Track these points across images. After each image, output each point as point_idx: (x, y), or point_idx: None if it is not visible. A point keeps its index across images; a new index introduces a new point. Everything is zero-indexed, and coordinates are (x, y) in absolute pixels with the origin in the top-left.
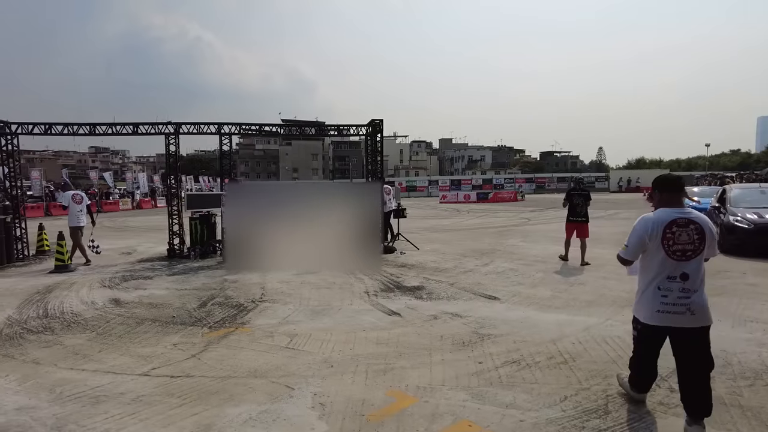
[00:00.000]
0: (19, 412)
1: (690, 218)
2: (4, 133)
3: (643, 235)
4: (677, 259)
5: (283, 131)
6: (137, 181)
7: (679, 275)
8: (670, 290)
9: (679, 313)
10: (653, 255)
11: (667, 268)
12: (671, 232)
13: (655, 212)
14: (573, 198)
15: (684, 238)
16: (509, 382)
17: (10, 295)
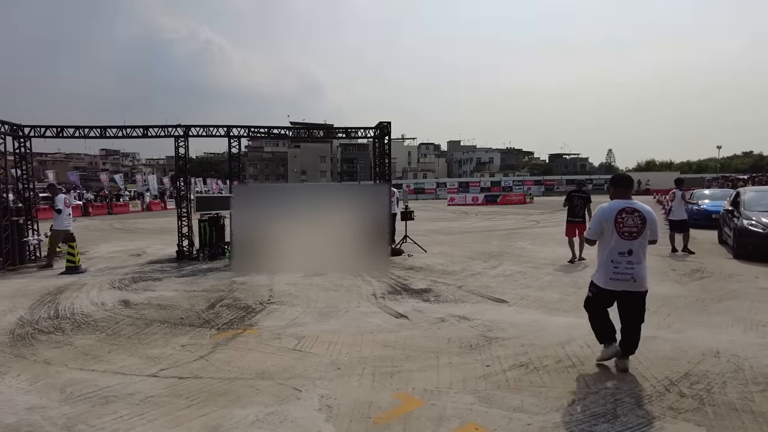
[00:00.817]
0: (30, 411)
1: (635, 207)
2: (17, 135)
3: (601, 219)
4: (625, 239)
5: (291, 134)
6: (147, 183)
7: (627, 251)
8: (620, 263)
9: (625, 280)
10: (609, 235)
11: (618, 245)
12: (621, 218)
13: (609, 203)
14: (573, 199)
15: (630, 222)
16: (517, 386)
17: (22, 295)
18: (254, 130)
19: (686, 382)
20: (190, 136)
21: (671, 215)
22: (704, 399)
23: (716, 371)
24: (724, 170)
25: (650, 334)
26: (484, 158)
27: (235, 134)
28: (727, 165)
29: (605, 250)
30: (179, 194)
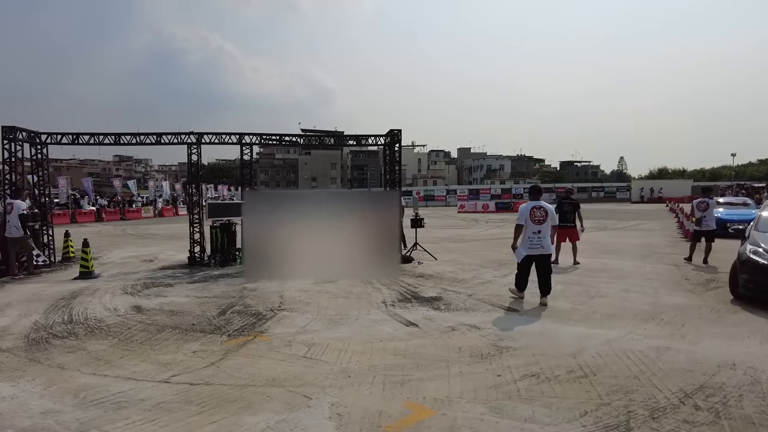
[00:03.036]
0: (44, 416)
1: (541, 205)
2: (34, 142)
3: (525, 211)
4: (536, 223)
5: (303, 141)
6: (159, 189)
7: (537, 231)
8: (533, 238)
9: (537, 248)
10: (527, 222)
11: (531, 228)
12: (533, 212)
13: (527, 203)
14: (563, 206)
15: (539, 214)
16: (528, 396)
17: (37, 300)
18: (266, 138)
19: (701, 395)
20: (202, 144)
21: (703, 225)
22: (720, 412)
23: (732, 384)
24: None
25: (663, 345)
26: (494, 165)
27: (247, 142)
28: (742, 173)
29: (526, 232)
30: (191, 201)
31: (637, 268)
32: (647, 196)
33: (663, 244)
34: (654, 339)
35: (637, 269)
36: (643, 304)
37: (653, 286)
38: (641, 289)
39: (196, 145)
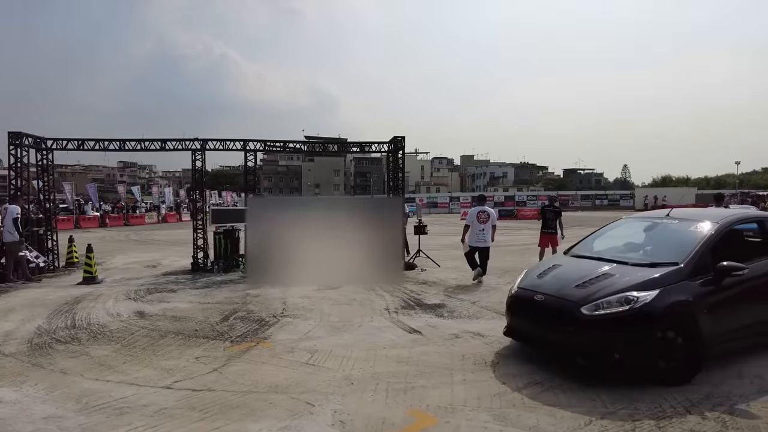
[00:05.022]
0: (46, 421)
1: (485, 209)
2: (40, 148)
3: (473, 214)
4: (481, 223)
5: (306, 148)
6: (163, 195)
7: (481, 229)
8: (477, 233)
9: (480, 242)
10: (474, 222)
11: (477, 226)
12: (479, 214)
13: (474, 207)
14: (546, 213)
15: (483, 216)
16: (532, 404)
17: (41, 305)
18: (270, 144)
19: (708, 404)
20: (207, 150)
21: None
22: (727, 422)
23: (739, 393)
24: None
25: None
26: (497, 173)
27: (251, 148)
28: (747, 181)
29: (473, 229)
30: (195, 206)
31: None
32: (651, 203)
33: None
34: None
35: None
36: None
37: None
38: None
39: (200, 151)
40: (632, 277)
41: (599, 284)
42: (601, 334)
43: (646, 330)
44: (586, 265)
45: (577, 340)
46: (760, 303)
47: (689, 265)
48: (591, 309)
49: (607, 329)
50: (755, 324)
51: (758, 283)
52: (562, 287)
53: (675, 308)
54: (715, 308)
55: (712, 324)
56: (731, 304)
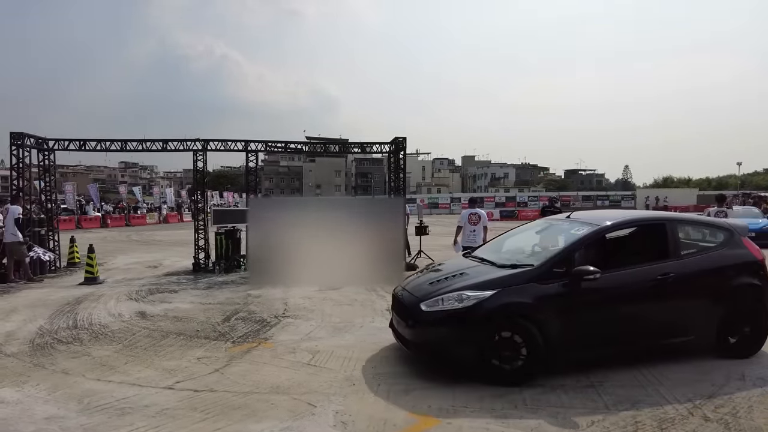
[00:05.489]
0: (48, 421)
1: (476, 212)
2: (42, 148)
3: (464, 216)
4: (472, 225)
5: (307, 148)
6: (164, 195)
7: (472, 230)
8: (469, 234)
9: (473, 242)
10: (465, 223)
11: (468, 227)
12: (470, 216)
13: (466, 209)
14: (546, 214)
15: (474, 218)
16: (534, 405)
17: (42, 305)
18: (271, 145)
19: (710, 406)
20: (208, 150)
21: None
22: (730, 424)
23: (742, 395)
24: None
25: (671, 355)
26: (498, 173)
27: (252, 149)
28: (748, 182)
29: (465, 231)
30: (196, 207)
31: None
32: (652, 204)
33: None
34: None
35: None
36: None
37: None
38: None
39: (201, 152)
40: (480, 277)
41: (447, 282)
42: (434, 330)
43: (475, 329)
44: (458, 263)
45: (415, 334)
46: (619, 311)
47: (542, 268)
48: (430, 305)
49: (440, 325)
50: (612, 333)
51: (618, 292)
52: (420, 284)
53: (510, 309)
54: (568, 313)
55: (562, 329)
56: (587, 309)
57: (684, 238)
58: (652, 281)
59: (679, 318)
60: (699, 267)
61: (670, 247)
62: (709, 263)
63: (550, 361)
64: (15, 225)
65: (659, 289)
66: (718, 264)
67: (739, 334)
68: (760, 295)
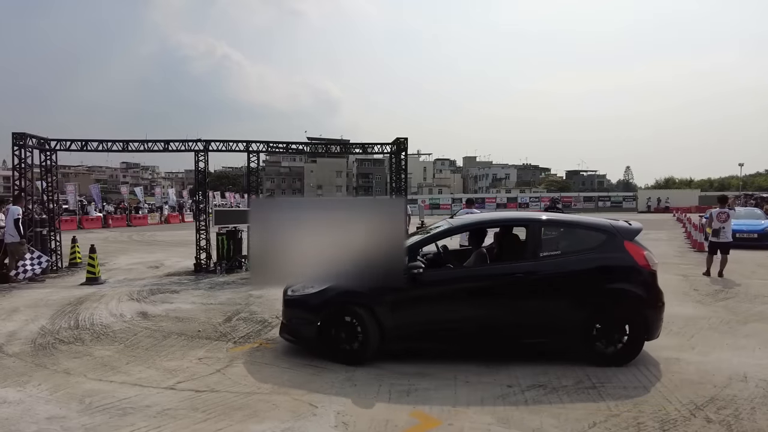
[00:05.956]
0: (50, 421)
1: (471, 212)
2: (43, 149)
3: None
4: None
5: (309, 149)
6: (166, 196)
7: None
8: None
9: None
10: None
11: None
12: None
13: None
14: None
15: None
16: (536, 406)
17: (44, 305)
18: (273, 146)
19: (713, 407)
20: (210, 151)
21: (721, 237)
22: (732, 425)
23: (744, 396)
24: (746, 188)
25: (673, 356)
26: (500, 174)
27: (254, 149)
28: (750, 183)
29: None
30: (198, 208)
31: None
32: (654, 206)
33: (670, 255)
34: (663, 350)
35: None
36: None
37: None
38: None
39: (203, 153)
40: None
41: None
42: (291, 311)
43: (315, 312)
44: None
45: (283, 315)
46: (457, 307)
47: None
48: (292, 291)
49: (294, 307)
50: (430, 324)
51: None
52: None
53: (346, 298)
54: (400, 304)
55: (393, 318)
56: (414, 302)
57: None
58: (499, 280)
59: (529, 319)
60: (558, 269)
61: (528, 248)
62: (572, 266)
63: (386, 346)
64: (15, 226)
65: (506, 288)
66: (585, 267)
67: (610, 341)
68: (637, 301)
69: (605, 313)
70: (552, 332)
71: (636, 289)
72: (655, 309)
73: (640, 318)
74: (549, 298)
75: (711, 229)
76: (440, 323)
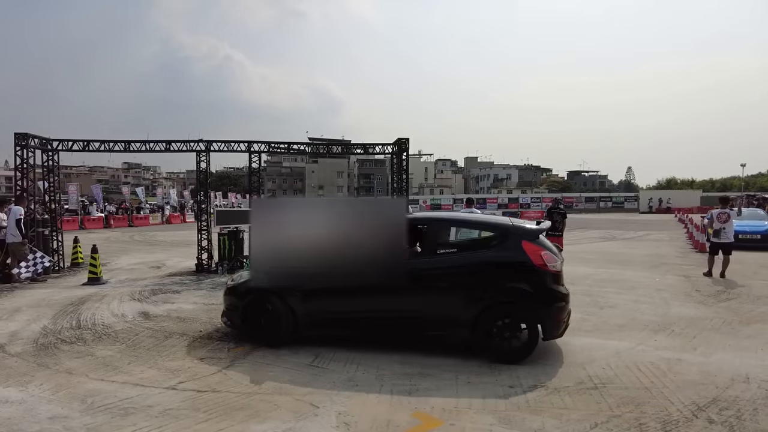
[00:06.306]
0: (52, 421)
1: (471, 211)
2: (45, 149)
3: None
4: None
5: (310, 149)
6: (167, 196)
7: None
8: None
9: None
10: None
11: None
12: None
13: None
14: (553, 215)
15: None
16: (538, 407)
17: (46, 305)
18: (274, 146)
19: (715, 408)
20: (211, 151)
21: (722, 237)
22: (734, 426)
23: (746, 397)
24: (749, 189)
25: (675, 357)
26: (501, 174)
27: (255, 150)
28: (752, 183)
29: None
30: (200, 208)
31: (647, 279)
32: (656, 206)
33: (672, 255)
34: (665, 350)
35: (647, 280)
36: (653, 315)
37: (663, 297)
38: (651, 299)
39: (205, 153)
40: None
41: None
42: (227, 299)
43: (240, 299)
44: None
45: (223, 301)
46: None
47: None
48: (231, 280)
49: (228, 295)
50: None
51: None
52: None
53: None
54: (309, 293)
55: (304, 306)
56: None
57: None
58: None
59: (428, 312)
60: (452, 266)
61: (428, 246)
62: (465, 263)
63: (300, 331)
64: (16, 226)
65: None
66: (478, 264)
67: (504, 337)
68: (530, 300)
69: (498, 310)
70: (449, 326)
71: (529, 288)
72: (551, 308)
73: (533, 316)
74: (444, 294)
75: (712, 230)
76: (347, 313)
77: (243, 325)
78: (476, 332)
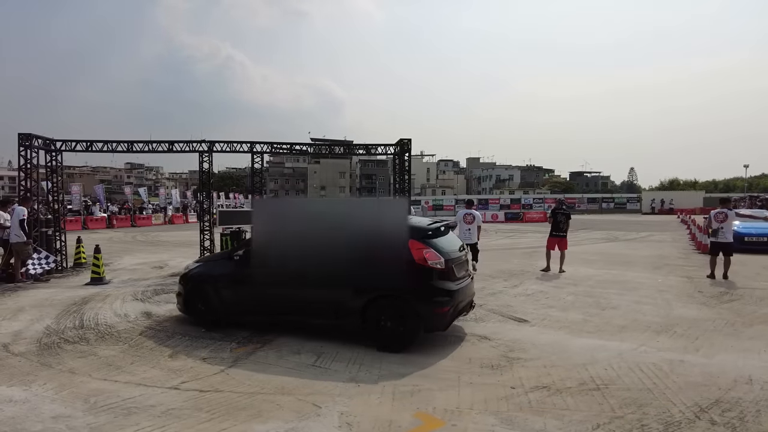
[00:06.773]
0: (55, 420)
1: (471, 212)
2: (49, 149)
3: (460, 215)
4: (467, 224)
5: (312, 150)
6: (170, 196)
7: (467, 228)
8: (464, 232)
9: (468, 239)
10: (461, 222)
11: (464, 225)
12: (465, 216)
13: (462, 210)
14: (557, 216)
15: (468, 218)
16: (540, 408)
17: (49, 305)
18: (276, 146)
19: (717, 410)
20: (214, 152)
21: (720, 237)
22: (737, 428)
23: (749, 399)
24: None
25: (677, 358)
26: (503, 175)
27: (258, 150)
28: (756, 184)
29: (460, 228)
30: (202, 208)
31: (649, 280)
32: (658, 207)
33: (675, 256)
34: (667, 352)
35: (649, 281)
36: (655, 316)
37: (666, 298)
38: (653, 301)
39: (207, 153)
40: None
41: None
42: (181, 287)
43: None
44: None
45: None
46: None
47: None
48: (186, 268)
49: (180, 283)
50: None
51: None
52: None
53: (200, 277)
54: (231, 284)
55: (230, 295)
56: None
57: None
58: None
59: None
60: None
61: None
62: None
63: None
64: (20, 226)
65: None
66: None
67: (384, 329)
68: (408, 296)
69: (381, 302)
70: (341, 316)
71: (408, 284)
72: (429, 304)
73: (411, 310)
74: (333, 287)
75: (711, 230)
76: (260, 302)
77: (185, 308)
78: (368, 323)
